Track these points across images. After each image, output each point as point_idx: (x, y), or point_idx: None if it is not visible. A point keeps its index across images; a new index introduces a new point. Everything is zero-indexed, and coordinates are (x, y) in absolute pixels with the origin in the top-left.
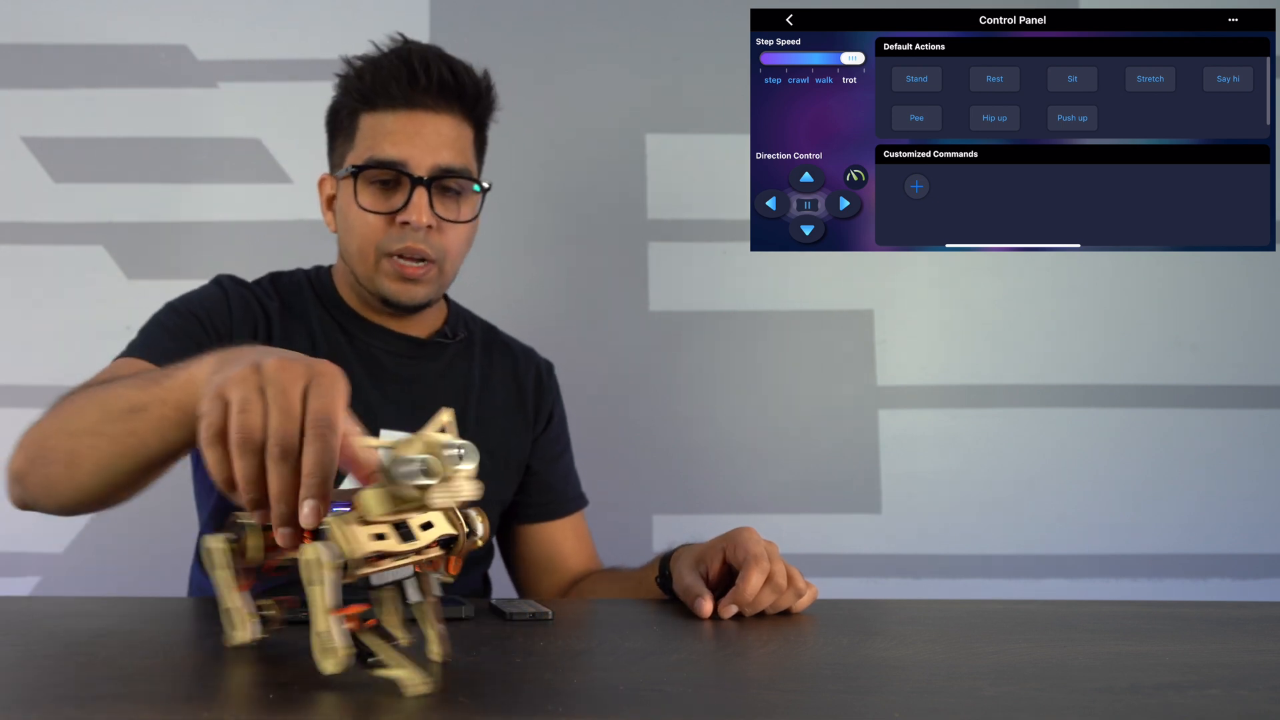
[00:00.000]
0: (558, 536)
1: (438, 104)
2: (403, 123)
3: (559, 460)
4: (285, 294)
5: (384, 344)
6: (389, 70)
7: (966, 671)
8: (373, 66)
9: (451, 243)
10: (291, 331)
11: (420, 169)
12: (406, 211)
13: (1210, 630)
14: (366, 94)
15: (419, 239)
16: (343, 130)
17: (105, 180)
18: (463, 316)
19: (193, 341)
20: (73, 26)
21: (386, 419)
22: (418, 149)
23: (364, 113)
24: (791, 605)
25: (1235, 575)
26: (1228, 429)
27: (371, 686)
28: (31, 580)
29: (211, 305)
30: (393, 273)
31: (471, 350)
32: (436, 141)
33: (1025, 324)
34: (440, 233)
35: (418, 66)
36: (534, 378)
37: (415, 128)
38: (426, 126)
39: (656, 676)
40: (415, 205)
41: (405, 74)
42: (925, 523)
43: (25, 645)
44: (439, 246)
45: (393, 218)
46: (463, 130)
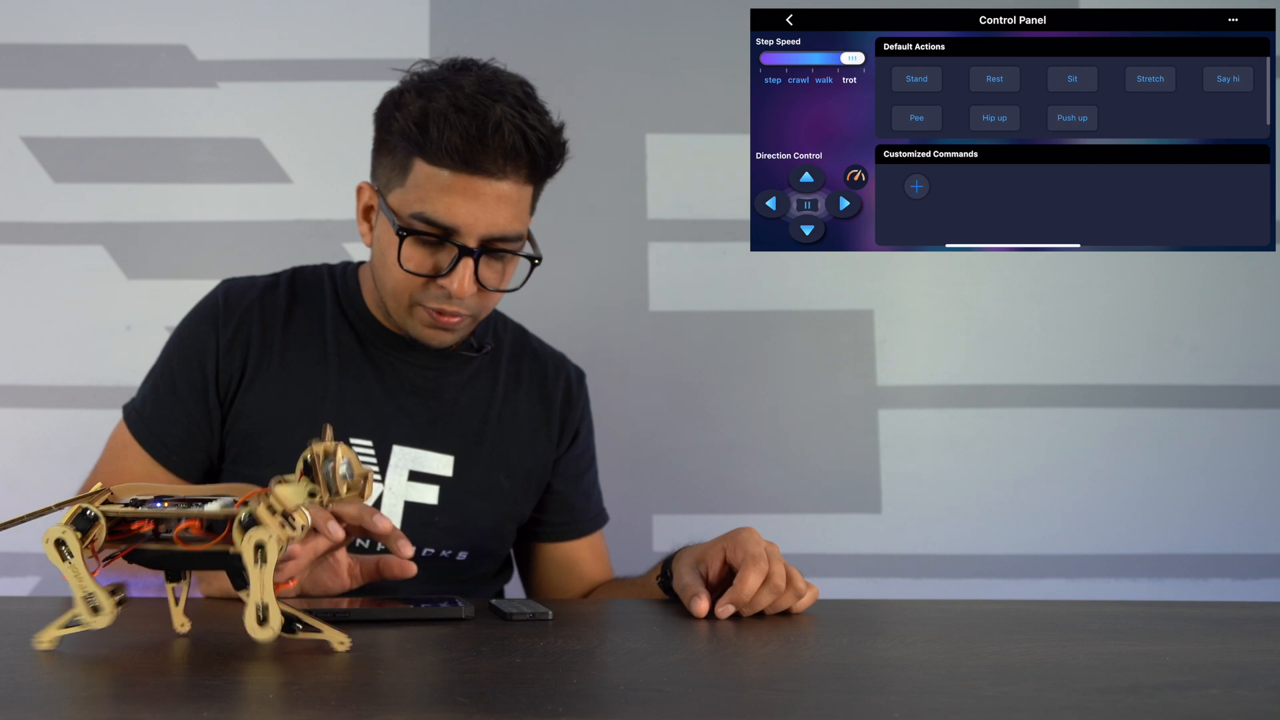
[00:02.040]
0: (575, 556)
1: (502, 170)
2: (460, 185)
3: (582, 478)
4: (301, 293)
5: (404, 354)
6: (456, 128)
7: (966, 671)
8: (439, 119)
9: (489, 302)
10: (297, 339)
11: (470, 237)
12: (449, 279)
13: (1210, 630)
14: (426, 146)
15: (457, 303)
16: (392, 155)
17: (105, 180)
18: (493, 323)
19: (193, 405)
20: (73, 26)
21: (401, 432)
22: (470, 216)
23: (418, 158)
24: (791, 606)
25: (1235, 575)
26: (1228, 429)
27: (371, 686)
28: (31, 580)
29: (204, 345)
30: (426, 320)
31: (498, 362)
32: (493, 208)
33: (1025, 324)
34: (479, 295)
35: (490, 132)
36: (563, 391)
37: (473, 192)
38: (485, 191)
39: (656, 676)
40: (458, 275)
41: (475, 135)
42: (925, 523)
43: (25, 645)
44: (475, 306)
45: (433, 278)
46: (523, 192)
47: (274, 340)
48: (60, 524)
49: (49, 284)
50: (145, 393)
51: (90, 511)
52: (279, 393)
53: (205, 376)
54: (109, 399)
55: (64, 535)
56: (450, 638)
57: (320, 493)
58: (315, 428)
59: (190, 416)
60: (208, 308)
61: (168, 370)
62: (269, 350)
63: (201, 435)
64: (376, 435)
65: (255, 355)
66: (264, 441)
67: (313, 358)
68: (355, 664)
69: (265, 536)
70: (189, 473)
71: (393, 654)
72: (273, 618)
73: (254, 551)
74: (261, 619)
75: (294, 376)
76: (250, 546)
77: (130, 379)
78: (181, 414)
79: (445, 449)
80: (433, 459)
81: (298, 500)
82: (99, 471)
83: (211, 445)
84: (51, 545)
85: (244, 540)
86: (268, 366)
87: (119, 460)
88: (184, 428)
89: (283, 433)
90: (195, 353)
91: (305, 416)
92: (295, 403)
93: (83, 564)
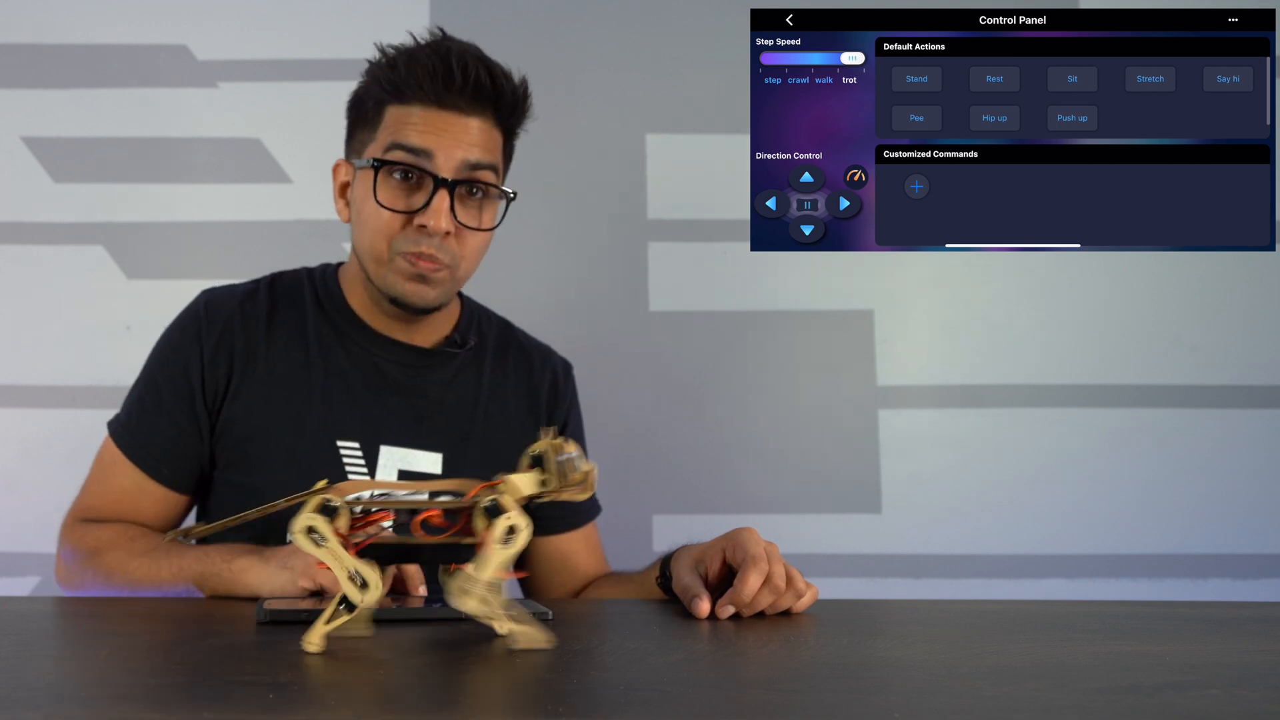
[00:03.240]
0: (569, 548)
1: (470, 106)
2: (431, 117)
3: None
4: (281, 298)
5: (387, 353)
6: (424, 64)
7: (966, 671)
8: (407, 58)
9: (468, 249)
10: (280, 344)
11: (445, 167)
12: (425, 214)
13: (1210, 630)
14: (398, 85)
15: (434, 245)
16: (366, 118)
17: (105, 180)
18: (477, 319)
19: (180, 416)
20: (73, 26)
21: (388, 431)
22: (445, 142)
23: (391, 104)
24: (791, 606)
25: (1235, 575)
26: (1228, 429)
27: (371, 686)
28: (31, 580)
29: (188, 356)
30: (406, 270)
31: (482, 358)
32: (465, 138)
33: (1025, 324)
34: (458, 239)
35: (455, 65)
36: (549, 384)
37: (444, 124)
38: (455, 125)
39: (656, 676)
40: (435, 209)
41: (442, 71)
42: (925, 523)
43: (25, 645)
44: (454, 253)
45: (410, 218)
46: (493, 135)
47: (258, 346)
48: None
49: (49, 284)
50: (130, 408)
51: (332, 502)
52: (265, 398)
53: (191, 387)
54: (109, 399)
55: (314, 522)
56: (450, 638)
57: (552, 481)
58: (302, 431)
59: (177, 427)
60: (189, 319)
61: (152, 384)
62: (253, 357)
63: (190, 446)
64: (363, 436)
65: (240, 363)
66: (252, 447)
67: (297, 361)
68: (355, 664)
69: (521, 521)
70: (179, 484)
71: (393, 654)
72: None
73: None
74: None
75: (279, 381)
76: (503, 527)
77: (130, 379)
78: (168, 426)
79: (433, 447)
80: (421, 457)
81: (530, 490)
82: (88, 490)
83: (202, 455)
84: (303, 534)
85: (496, 524)
86: (253, 373)
87: (108, 478)
88: (171, 439)
89: (270, 438)
90: (179, 364)
91: (292, 420)
92: (281, 407)
93: (338, 544)
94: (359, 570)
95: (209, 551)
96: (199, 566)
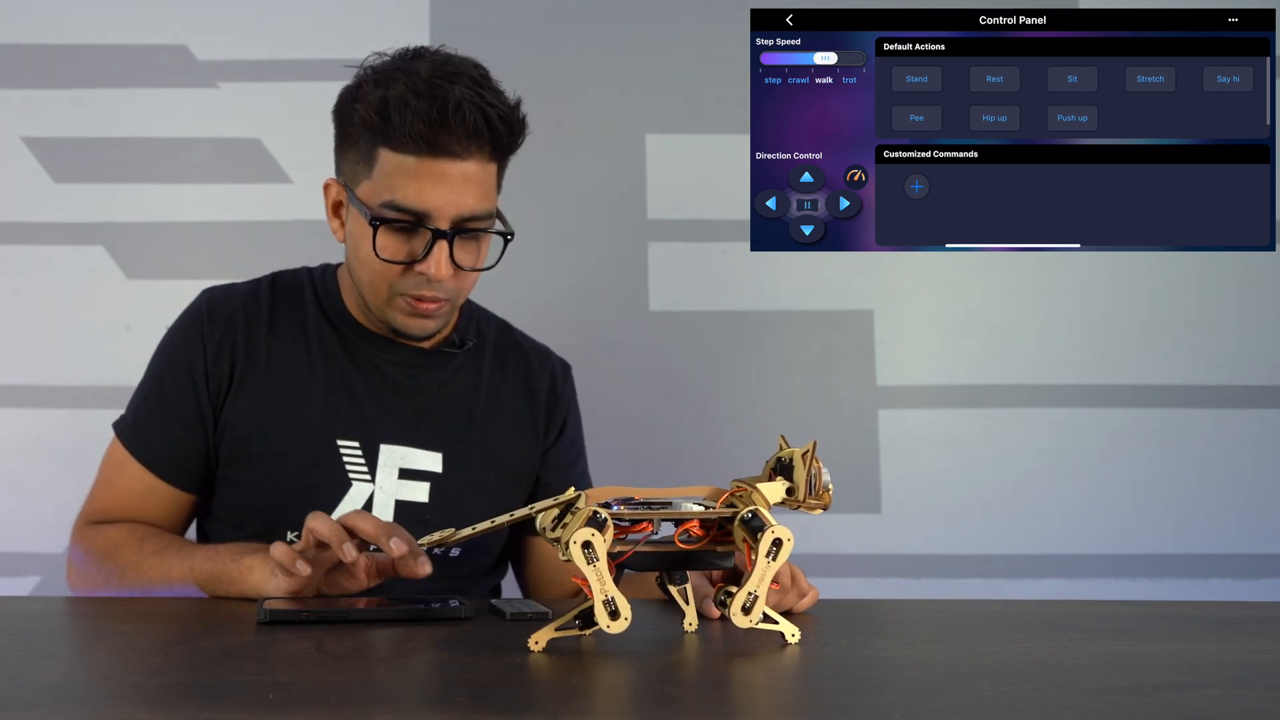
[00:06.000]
0: None
1: (465, 149)
2: (427, 169)
3: (570, 470)
4: (282, 298)
5: (387, 353)
6: (416, 112)
7: (966, 671)
8: (399, 105)
9: (467, 282)
10: (281, 343)
11: (442, 219)
12: (425, 264)
13: (1210, 630)
14: (389, 135)
15: (434, 287)
16: (356, 148)
17: (105, 180)
18: (476, 319)
19: (186, 414)
20: (73, 26)
21: (388, 431)
22: (440, 198)
23: (383, 147)
24: (793, 606)
25: (1235, 575)
26: (1228, 429)
27: (371, 686)
28: (32, 580)
29: (191, 354)
30: (406, 309)
31: (481, 358)
32: (461, 188)
33: (1025, 324)
34: (456, 276)
35: (450, 113)
36: (548, 384)
37: (440, 175)
38: (451, 173)
39: (656, 676)
40: (435, 259)
41: (436, 119)
42: (925, 523)
43: (25, 645)
44: (453, 289)
45: (410, 265)
46: (488, 170)
47: (259, 345)
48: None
49: (49, 284)
50: (136, 409)
51: (600, 515)
52: (266, 397)
53: (195, 385)
54: (109, 399)
55: (592, 539)
56: (450, 638)
57: (799, 491)
58: (303, 430)
59: (184, 426)
60: (192, 318)
61: (157, 384)
62: (255, 355)
63: (196, 444)
64: (363, 435)
65: (242, 361)
66: (253, 446)
67: (297, 361)
68: (355, 664)
69: (787, 535)
70: (187, 483)
71: (393, 654)
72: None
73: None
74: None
75: (280, 380)
76: (769, 541)
77: (130, 379)
78: (175, 424)
79: (432, 446)
80: (421, 456)
81: (776, 498)
82: (97, 493)
83: (208, 453)
84: (579, 548)
85: (763, 539)
86: (254, 372)
87: (117, 479)
88: (178, 438)
89: (271, 436)
90: (183, 363)
91: (292, 419)
92: (282, 406)
93: (606, 565)
94: (615, 599)
95: (219, 551)
96: (210, 566)
